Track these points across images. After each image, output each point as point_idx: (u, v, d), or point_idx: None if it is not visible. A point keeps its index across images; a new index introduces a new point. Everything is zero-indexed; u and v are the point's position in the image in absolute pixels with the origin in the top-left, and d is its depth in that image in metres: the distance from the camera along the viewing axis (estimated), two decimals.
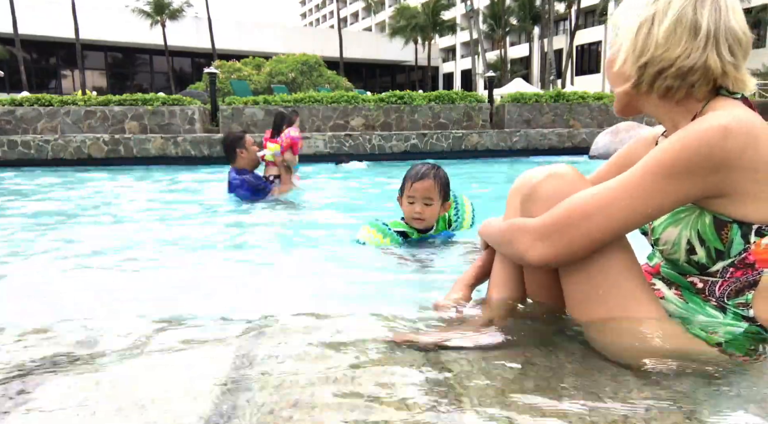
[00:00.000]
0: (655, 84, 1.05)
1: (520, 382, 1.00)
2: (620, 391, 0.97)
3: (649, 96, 1.09)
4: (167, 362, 1.11)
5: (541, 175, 1.16)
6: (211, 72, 12.39)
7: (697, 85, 1.03)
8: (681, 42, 1.00)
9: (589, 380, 1.02)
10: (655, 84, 1.05)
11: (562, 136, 12.18)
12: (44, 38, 34.63)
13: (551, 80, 34.78)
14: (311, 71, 22.53)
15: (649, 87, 1.07)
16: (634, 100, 1.13)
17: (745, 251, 1.02)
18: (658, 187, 0.98)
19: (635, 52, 1.05)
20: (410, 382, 1.00)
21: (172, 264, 2.85)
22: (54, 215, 4.71)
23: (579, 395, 0.95)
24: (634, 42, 1.05)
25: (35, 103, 11.05)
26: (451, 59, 57.35)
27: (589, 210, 1.03)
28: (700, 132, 0.95)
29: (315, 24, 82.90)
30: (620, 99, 1.15)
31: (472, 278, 1.42)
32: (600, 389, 0.98)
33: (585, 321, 1.14)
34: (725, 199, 0.99)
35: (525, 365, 1.08)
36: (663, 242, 1.10)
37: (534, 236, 1.09)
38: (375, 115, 12.10)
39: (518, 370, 1.06)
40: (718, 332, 1.08)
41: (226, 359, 1.09)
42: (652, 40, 1.02)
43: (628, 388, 0.98)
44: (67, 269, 2.69)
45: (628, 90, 1.10)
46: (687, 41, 1.00)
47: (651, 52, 1.03)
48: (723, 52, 1.00)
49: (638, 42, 1.04)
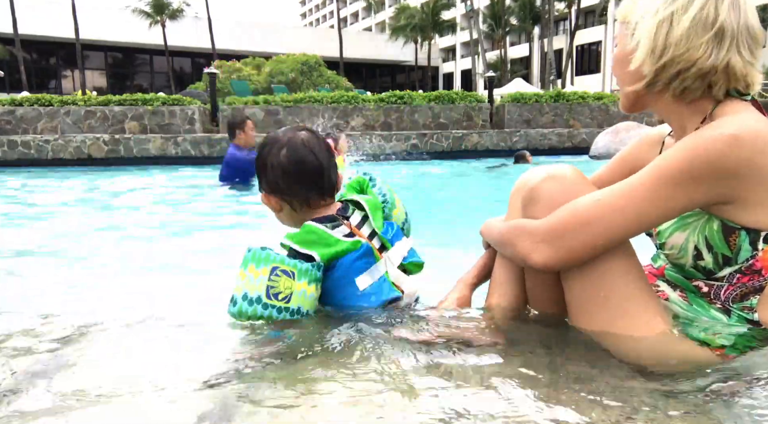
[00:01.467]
0: (672, 84, 1.03)
1: (518, 382, 1.00)
2: (620, 393, 0.96)
3: (661, 96, 1.07)
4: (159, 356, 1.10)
5: (541, 176, 1.15)
6: (211, 72, 12.38)
7: (716, 85, 1.00)
8: (702, 42, 0.97)
9: (588, 381, 1.01)
10: (672, 84, 1.03)
11: (562, 136, 12.17)
12: (44, 38, 34.62)
13: (551, 80, 34.76)
14: (311, 71, 22.53)
15: (664, 87, 1.04)
16: (643, 100, 1.11)
17: (753, 257, 1.01)
18: (665, 194, 0.97)
19: (654, 52, 1.01)
20: (407, 380, 0.99)
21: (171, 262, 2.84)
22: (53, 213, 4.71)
23: (578, 395, 0.95)
24: (653, 42, 1.01)
25: (35, 103, 11.04)
26: (451, 59, 57.33)
27: (593, 216, 1.03)
28: (708, 140, 0.94)
29: (315, 24, 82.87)
30: (630, 98, 1.12)
31: (474, 278, 1.42)
32: (599, 390, 0.97)
33: (586, 323, 1.13)
34: (734, 206, 0.98)
35: (523, 366, 1.07)
36: (669, 246, 1.09)
37: (537, 239, 1.08)
38: (375, 115, 12.09)
39: (516, 370, 1.06)
40: (722, 335, 1.07)
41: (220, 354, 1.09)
42: (672, 41, 0.99)
43: (628, 391, 0.98)
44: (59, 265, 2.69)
45: (640, 89, 1.07)
46: (708, 41, 0.97)
47: (671, 53, 0.99)
48: (743, 52, 0.98)
49: (657, 42, 1.00)
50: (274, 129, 6.30)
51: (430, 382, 0.99)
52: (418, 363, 1.07)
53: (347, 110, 12.00)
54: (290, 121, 11.72)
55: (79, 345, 1.20)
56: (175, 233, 3.76)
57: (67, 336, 1.25)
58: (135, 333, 1.28)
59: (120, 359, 1.13)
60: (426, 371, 1.04)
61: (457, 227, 3.85)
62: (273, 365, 1.07)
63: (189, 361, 1.12)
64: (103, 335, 1.27)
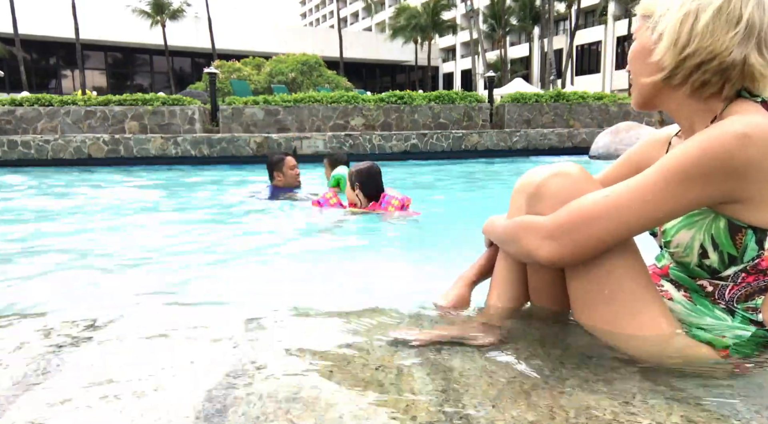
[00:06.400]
0: (691, 77, 1.02)
1: (520, 381, 1.00)
2: (622, 392, 0.96)
3: (677, 91, 1.06)
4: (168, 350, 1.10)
5: (547, 173, 1.15)
6: (211, 72, 12.39)
7: (731, 82, 1.00)
8: (727, 35, 0.97)
9: (590, 380, 1.01)
10: (691, 77, 1.02)
11: (562, 136, 12.18)
12: (44, 38, 34.65)
13: (551, 80, 34.78)
14: (311, 71, 22.55)
15: (683, 80, 1.04)
16: (658, 93, 1.10)
17: (758, 257, 1.01)
18: (672, 191, 0.97)
19: (678, 44, 1.01)
20: (408, 380, 0.99)
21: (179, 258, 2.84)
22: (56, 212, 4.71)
23: (579, 396, 0.95)
24: (677, 33, 1.01)
25: (35, 103, 11.05)
26: (451, 59, 57.36)
27: (601, 212, 1.02)
28: (718, 138, 0.93)
29: (315, 24, 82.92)
30: (645, 91, 1.11)
31: (474, 276, 1.41)
32: (601, 389, 0.97)
33: (589, 321, 1.13)
34: (741, 205, 0.98)
35: (525, 365, 1.07)
36: (675, 244, 1.08)
37: (543, 234, 1.08)
38: (375, 115, 12.10)
39: (518, 369, 1.05)
40: (726, 335, 1.07)
41: (224, 353, 1.09)
42: (696, 33, 0.99)
43: (630, 390, 0.97)
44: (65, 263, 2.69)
45: (658, 82, 1.07)
46: (733, 36, 0.97)
47: (696, 44, 0.99)
48: (764, 51, 0.98)
49: (682, 34, 1.00)
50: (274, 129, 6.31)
51: (430, 382, 0.99)
52: (416, 361, 1.07)
53: (347, 110, 12.00)
54: (290, 121, 11.73)
55: (79, 345, 1.20)
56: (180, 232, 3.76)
57: (67, 336, 1.25)
58: (134, 333, 1.28)
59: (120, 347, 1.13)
60: (426, 371, 1.03)
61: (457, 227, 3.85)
62: (271, 360, 1.06)
63: (190, 352, 1.11)
64: (103, 335, 1.27)
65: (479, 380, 1.00)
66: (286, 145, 10.49)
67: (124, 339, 1.23)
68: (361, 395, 0.93)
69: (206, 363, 1.07)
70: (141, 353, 1.14)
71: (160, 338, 1.22)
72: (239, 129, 11.51)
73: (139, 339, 1.22)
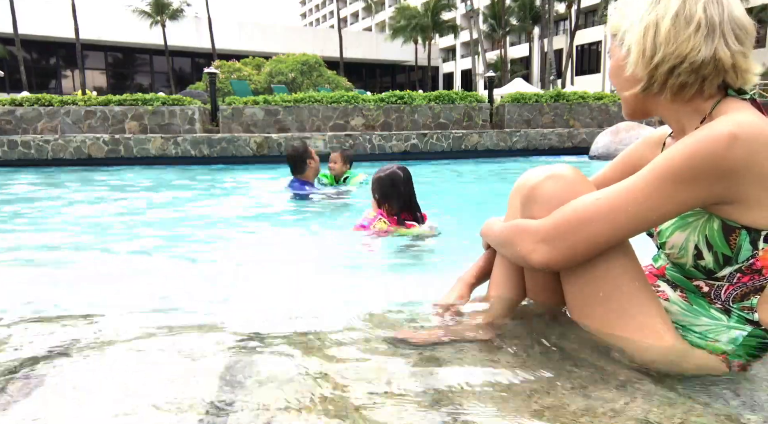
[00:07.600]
0: (667, 82, 1.04)
1: (518, 382, 1.00)
2: (622, 393, 0.97)
3: (659, 97, 1.08)
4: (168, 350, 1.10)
5: (541, 176, 1.15)
6: (211, 72, 12.38)
7: (708, 79, 1.02)
8: (689, 37, 1.00)
9: (589, 381, 1.01)
10: (667, 82, 1.04)
11: (562, 136, 12.18)
12: (44, 38, 34.62)
13: (551, 80, 34.76)
14: (311, 71, 22.53)
15: (660, 87, 1.06)
16: (643, 103, 1.12)
17: (753, 257, 1.02)
18: (664, 193, 0.97)
19: (645, 54, 1.04)
20: (407, 380, 0.99)
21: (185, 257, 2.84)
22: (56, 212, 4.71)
23: (577, 397, 0.95)
24: (642, 44, 1.04)
25: (35, 103, 11.04)
26: (451, 59, 57.34)
27: (593, 215, 1.03)
28: (707, 139, 0.94)
29: (315, 24, 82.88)
30: (629, 103, 1.14)
31: (473, 277, 1.42)
32: (600, 389, 0.97)
33: (586, 323, 1.13)
34: (734, 205, 0.98)
35: (522, 366, 1.07)
36: (670, 246, 1.09)
37: (536, 238, 1.08)
38: (375, 115, 12.09)
39: (516, 370, 1.06)
40: (721, 339, 1.08)
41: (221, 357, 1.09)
42: (660, 41, 1.02)
43: (626, 392, 0.98)
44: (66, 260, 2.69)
45: (638, 93, 1.09)
46: (695, 35, 0.99)
47: (663, 51, 1.02)
48: (730, 42, 1.00)
49: (647, 45, 1.03)
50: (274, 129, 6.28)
51: (430, 381, 1.00)
52: (415, 362, 1.08)
53: (347, 110, 12.00)
54: (290, 122, 11.72)
55: (80, 345, 1.20)
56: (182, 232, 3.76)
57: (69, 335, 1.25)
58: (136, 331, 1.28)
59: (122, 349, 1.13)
60: (425, 371, 1.04)
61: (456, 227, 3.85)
62: (270, 360, 1.07)
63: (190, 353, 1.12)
64: (105, 334, 1.27)
65: (479, 380, 1.00)
66: (286, 145, 10.49)
67: (124, 339, 1.23)
68: (359, 394, 0.94)
69: (203, 363, 1.07)
70: (146, 353, 1.14)
71: (160, 338, 1.23)
72: (239, 129, 11.51)
73: (138, 339, 1.22)
